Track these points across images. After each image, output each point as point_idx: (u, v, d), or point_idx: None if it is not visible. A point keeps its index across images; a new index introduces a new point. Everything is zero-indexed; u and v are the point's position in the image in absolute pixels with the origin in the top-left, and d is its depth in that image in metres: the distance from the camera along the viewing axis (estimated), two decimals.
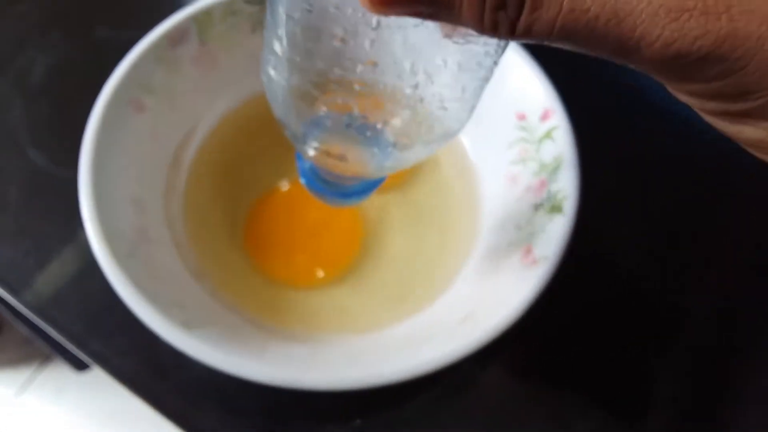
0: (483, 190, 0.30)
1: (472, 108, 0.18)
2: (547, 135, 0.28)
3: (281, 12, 0.16)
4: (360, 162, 0.19)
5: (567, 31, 0.12)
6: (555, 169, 0.27)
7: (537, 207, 0.26)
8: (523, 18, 0.12)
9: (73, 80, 0.34)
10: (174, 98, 0.29)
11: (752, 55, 0.12)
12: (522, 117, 0.29)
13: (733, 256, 0.32)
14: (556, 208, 0.25)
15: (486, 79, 0.17)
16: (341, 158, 0.19)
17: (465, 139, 0.31)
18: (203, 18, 0.29)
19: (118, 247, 0.23)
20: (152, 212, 0.27)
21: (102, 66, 0.28)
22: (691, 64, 0.12)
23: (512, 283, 0.24)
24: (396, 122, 0.17)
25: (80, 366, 0.56)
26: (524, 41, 0.12)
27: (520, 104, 0.29)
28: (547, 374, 0.28)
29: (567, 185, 0.26)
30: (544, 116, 0.28)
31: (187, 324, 0.22)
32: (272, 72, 0.17)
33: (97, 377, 0.72)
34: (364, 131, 0.18)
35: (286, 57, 0.17)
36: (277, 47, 0.17)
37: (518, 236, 0.26)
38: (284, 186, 0.30)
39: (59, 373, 0.73)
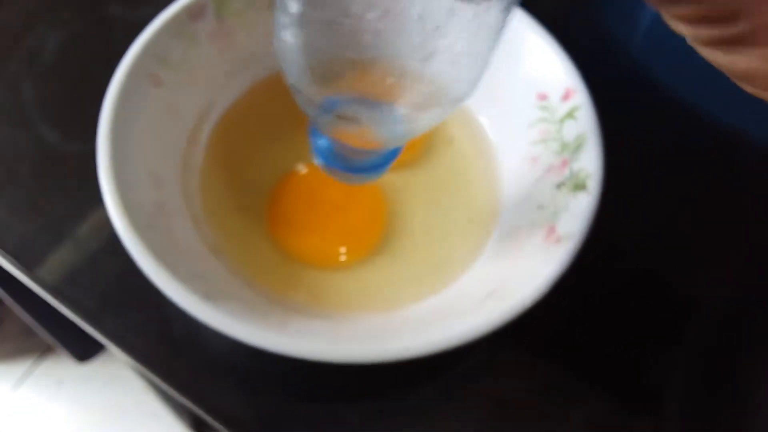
0: (503, 169, 0.30)
1: (483, 69, 0.18)
2: (569, 115, 0.27)
3: None
4: (373, 124, 0.19)
5: None
6: (577, 148, 0.26)
7: (559, 186, 0.26)
8: None
9: (85, 57, 0.34)
10: (191, 74, 0.28)
11: None
12: (543, 97, 0.28)
13: (754, 249, 0.32)
14: (579, 186, 0.25)
15: (496, 39, 0.17)
16: (354, 120, 0.19)
17: (484, 118, 0.31)
18: None
19: (137, 219, 0.23)
20: (170, 186, 0.26)
21: (113, 44, 0.27)
22: None
23: (537, 261, 0.24)
24: (407, 81, 0.17)
25: (82, 357, 0.55)
26: None
27: (540, 84, 0.28)
28: (555, 362, 0.28)
29: (590, 164, 0.25)
30: (566, 96, 0.28)
31: (209, 296, 0.21)
32: (286, 35, 0.17)
33: (97, 370, 0.71)
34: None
35: (301, 18, 0.16)
36: (293, 7, 0.16)
37: (540, 215, 0.26)
38: (303, 168, 0.29)
39: (58, 365, 0.72)
